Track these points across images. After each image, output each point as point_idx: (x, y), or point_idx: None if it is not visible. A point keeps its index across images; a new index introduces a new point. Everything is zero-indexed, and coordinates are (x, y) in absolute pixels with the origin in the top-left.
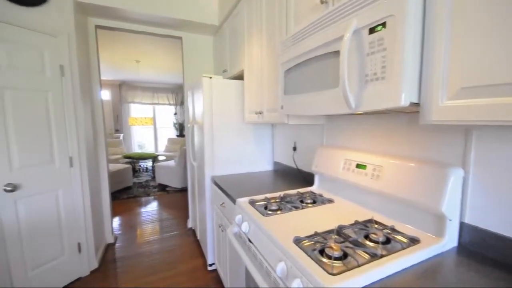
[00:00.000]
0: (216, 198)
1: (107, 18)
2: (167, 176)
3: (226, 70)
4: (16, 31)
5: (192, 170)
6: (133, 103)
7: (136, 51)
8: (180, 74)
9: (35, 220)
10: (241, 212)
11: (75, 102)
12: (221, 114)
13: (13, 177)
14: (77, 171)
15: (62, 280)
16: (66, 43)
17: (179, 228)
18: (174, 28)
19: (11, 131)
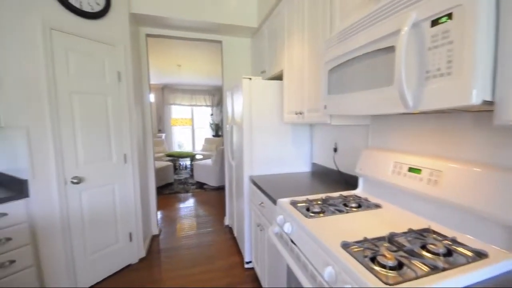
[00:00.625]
0: (254, 197)
1: (156, 27)
2: (205, 174)
3: (264, 71)
4: (82, 42)
5: (230, 169)
6: (174, 105)
7: (178, 56)
8: (217, 76)
9: (95, 210)
10: (282, 213)
11: (129, 105)
12: (260, 115)
13: (79, 171)
14: (130, 167)
15: (115, 265)
16: (122, 51)
17: (216, 225)
18: (215, 32)
19: (78, 130)
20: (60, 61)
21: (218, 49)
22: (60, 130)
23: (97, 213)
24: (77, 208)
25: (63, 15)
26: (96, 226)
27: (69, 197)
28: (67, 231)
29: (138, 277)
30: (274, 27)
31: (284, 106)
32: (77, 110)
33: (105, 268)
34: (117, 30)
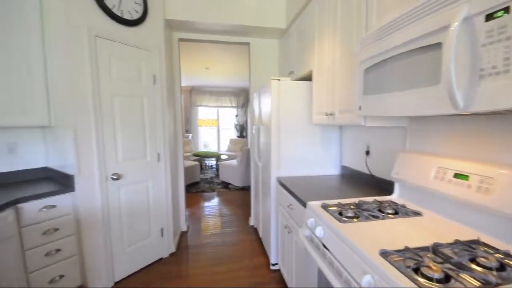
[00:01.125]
0: (281, 198)
1: (188, 31)
2: (230, 174)
3: (292, 72)
4: (123, 48)
5: (257, 170)
6: (201, 106)
7: (206, 59)
8: (243, 77)
9: (131, 205)
10: (313, 216)
11: (162, 106)
12: (288, 116)
13: (118, 168)
14: (162, 165)
15: (148, 258)
16: (157, 55)
17: (241, 225)
18: (243, 34)
19: (117, 130)
20: (103, 66)
21: (245, 51)
22: (103, 130)
23: (133, 208)
24: (116, 203)
25: (106, 23)
26: (132, 221)
27: (109, 192)
28: (107, 224)
29: (168, 270)
30: (303, 27)
31: (313, 107)
32: (117, 112)
33: (139, 260)
34: (153, 36)
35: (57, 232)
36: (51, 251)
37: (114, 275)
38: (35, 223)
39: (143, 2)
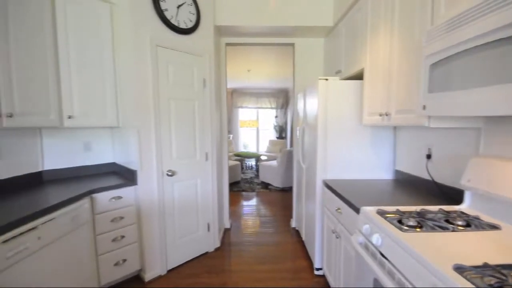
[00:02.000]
0: (328, 202)
1: (234, 36)
2: (270, 175)
3: (340, 71)
4: (178, 55)
5: (300, 171)
6: (241, 108)
7: (248, 61)
8: (283, 78)
9: (182, 200)
10: (368, 222)
11: (211, 108)
12: (335, 116)
13: (172, 165)
14: (210, 164)
15: (196, 251)
16: (207, 60)
17: (282, 226)
18: (288, 36)
19: (172, 131)
20: (162, 72)
21: (287, 52)
22: (160, 130)
23: (184, 203)
24: (170, 197)
25: (165, 33)
26: (182, 214)
27: (164, 187)
28: (162, 216)
29: (214, 264)
30: (353, 23)
31: (364, 107)
32: (173, 114)
33: (188, 252)
34: (204, 42)
35: (122, 220)
36: (117, 237)
37: (167, 264)
38: (105, 211)
39: (196, 12)
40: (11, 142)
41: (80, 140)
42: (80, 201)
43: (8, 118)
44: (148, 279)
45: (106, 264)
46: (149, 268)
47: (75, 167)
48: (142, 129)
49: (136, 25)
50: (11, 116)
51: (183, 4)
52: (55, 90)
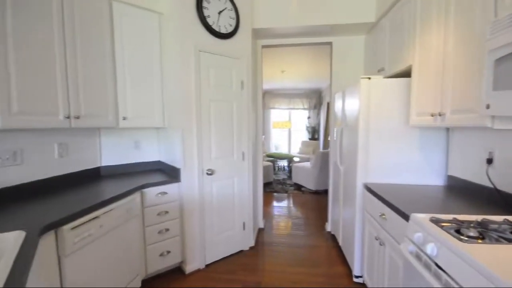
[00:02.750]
0: (370, 207)
1: (271, 37)
2: (303, 176)
3: (383, 69)
4: (218, 59)
5: (337, 174)
6: (273, 109)
7: (282, 62)
8: (316, 79)
9: (220, 198)
10: (421, 230)
11: (248, 109)
12: (378, 117)
13: (211, 164)
14: (246, 164)
15: (231, 248)
16: (245, 63)
17: (316, 229)
18: (326, 35)
19: (212, 131)
20: (204, 76)
21: (321, 52)
22: (201, 131)
23: (221, 201)
24: (209, 195)
25: (207, 38)
26: (220, 212)
27: (204, 185)
28: (202, 212)
29: (249, 262)
30: (399, 18)
31: (412, 106)
32: (212, 115)
33: (224, 249)
34: (242, 46)
35: (167, 214)
36: (162, 230)
37: (206, 258)
38: (153, 205)
39: (236, 16)
40: (76, 141)
41: (131, 139)
42: (133, 195)
43: (76, 120)
44: (189, 272)
45: (152, 254)
46: (190, 261)
47: (126, 164)
48: (185, 129)
49: (182, 33)
50: (78, 117)
51: (224, 10)
52: (113, 94)
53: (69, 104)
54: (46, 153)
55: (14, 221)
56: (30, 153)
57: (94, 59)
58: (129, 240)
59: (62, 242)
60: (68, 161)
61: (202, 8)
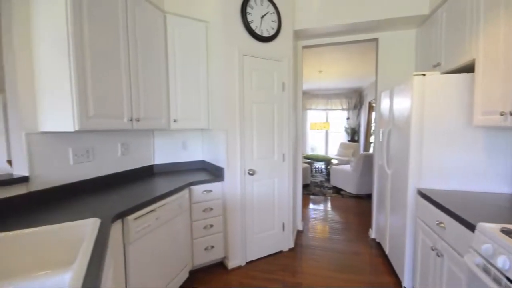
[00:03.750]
0: (424, 214)
1: (312, 38)
2: (342, 180)
3: (438, 64)
4: (260, 62)
5: (383, 177)
6: (310, 110)
7: (319, 62)
8: (356, 78)
9: (260, 198)
10: (490, 242)
11: (289, 111)
12: (434, 116)
13: (253, 165)
14: (286, 165)
15: (271, 248)
16: (286, 65)
17: (359, 236)
18: (371, 31)
19: (254, 132)
20: (247, 79)
21: (364, 49)
22: (244, 132)
23: (262, 201)
24: (250, 194)
25: (250, 43)
26: (260, 211)
27: (246, 184)
28: (243, 210)
29: (288, 264)
30: (458, 7)
31: (476, 105)
32: (254, 117)
33: (264, 248)
34: (284, 47)
35: (212, 211)
36: (207, 226)
37: (246, 256)
38: (199, 201)
39: (278, 19)
40: (135, 141)
41: (179, 140)
42: (183, 191)
43: (137, 122)
44: (231, 267)
45: (198, 247)
46: (232, 257)
47: (175, 163)
48: (229, 131)
49: (227, 39)
50: (139, 120)
51: (266, 14)
52: (166, 99)
53: (131, 108)
54: (111, 152)
55: (89, 210)
56: (99, 151)
57: (151, 67)
58: (179, 233)
59: (127, 230)
60: (128, 159)
61: (246, 14)
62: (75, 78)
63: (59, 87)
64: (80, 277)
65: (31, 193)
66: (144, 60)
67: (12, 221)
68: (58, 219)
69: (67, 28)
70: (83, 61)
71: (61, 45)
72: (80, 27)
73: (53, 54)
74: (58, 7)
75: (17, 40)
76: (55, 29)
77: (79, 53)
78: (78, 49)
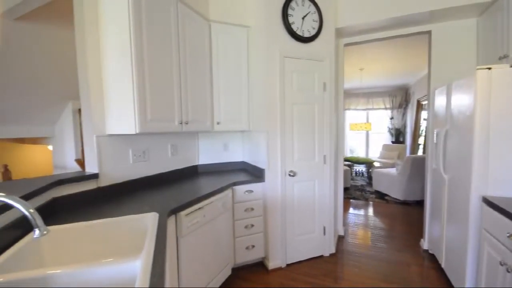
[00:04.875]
0: (491, 224)
1: (354, 35)
2: (387, 184)
3: (506, 56)
4: (301, 62)
5: (438, 183)
6: (348, 110)
7: (360, 60)
8: (402, 74)
9: (301, 200)
10: None
11: (330, 111)
12: (502, 115)
13: (294, 166)
14: (327, 167)
15: (311, 252)
16: (328, 64)
17: (406, 245)
18: (421, 23)
19: (294, 134)
20: (287, 80)
21: (411, 43)
22: (284, 133)
23: (302, 203)
24: (290, 196)
25: (291, 44)
26: (300, 214)
27: (286, 186)
28: (283, 212)
29: (330, 269)
30: None
31: None
32: (295, 118)
33: (304, 251)
34: (325, 47)
35: (253, 211)
36: (248, 225)
37: (287, 258)
38: (241, 201)
39: (319, 19)
40: (183, 143)
41: (221, 141)
42: (226, 191)
43: (185, 125)
44: (271, 268)
45: (240, 246)
46: (272, 258)
47: (217, 163)
48: (270, 132)
49: (268, 42)
50: (187, 123)
51: (307, 14)
52: (210, 102)
53: (181, 112)
54: (162, 152)
55: (147, 204)
56: (152, 152)
57: (197, 73)
58: (223, 231)
59: (180, 225)
60: (176, 159)
61: (287, 16)
62: (137, 88)
63: (124, 95)
64: (149, 264)
65: (99, 188)
66: (192, 67)
67: (85, 211)
68: (123, 211)
69: (130, 47)
70: (143, 73)
71: (125, 61)
72: (141, 44)
73: (118, 68)
74: (123, 27)
75: (90, 59)
76: (120, 47)
77: (140, 66)
78: (139, 63)
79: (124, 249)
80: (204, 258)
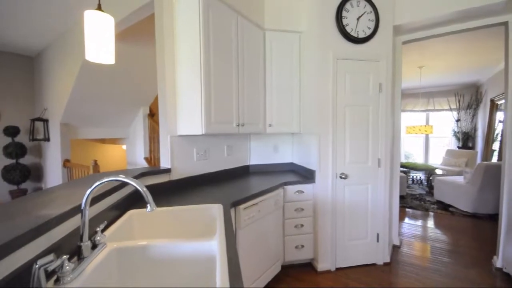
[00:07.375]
0: None
1: (412, 32)
2: (451, 194)
3: None
4: (354, 64)
5: None
6: (404, 111)
7: (419, 57)
8: (470, 71)
9: (352, 203)
10: None
11: (386, 113)
12: None
13: (345, 169)
14: (382, 171)
15: (363, 258)
16: (384, 64)
17: (475, 262)
18: (495, 14)
19: (347, 136)
20: (340, 82)
21: (479, 37)
22: (336, 136)
23: (354, 206)
24: (341, 199)
25: (344, 46)
26: (352, 218)
27: (337, 188)
28: (334, 214)
29: (385, 278)
30: None
31: None
32: (347, 120)
33: (355, 256)
34: (381, 46)
35: (302, 211)
36: (298, 225)
37: (336, 261)
38: (291, 201)
39: (375, 18)
40: (237, 144)
41: (271, 143)
42: (278, 190)
43: (241, 127)
44: (320, 270)
45: (289, 244)
46: (321, 260)
47: (267, 164)
48: (321, 134)
49: (321, 46)
50: (243, 125)
51: (363, 15)
52: (263, 106)
53: (238, 115)
54: (220, 152)
55: (210, 197)
56: (212, 151)
57: (252, 78)
58: (274, 228)
59: (239, 217)
60: (231, 159)
61: (342, 18)
62: (204, 96)
63: (193, 102)
64: (223, 244)
65: (171, 181)
66: (248, 73)
67: (160, 199)
68: (190, 201)
69: (200, 61)
70: (209, 82)
71: (195, 73)
72: (208, 59)
73: (189, 79)
74: (194, 46)
75: (167, 73)
76: (191, 61)
77: (207, 77)
78: (207, 74)
79: (197, 232)
80: (258, 252)
